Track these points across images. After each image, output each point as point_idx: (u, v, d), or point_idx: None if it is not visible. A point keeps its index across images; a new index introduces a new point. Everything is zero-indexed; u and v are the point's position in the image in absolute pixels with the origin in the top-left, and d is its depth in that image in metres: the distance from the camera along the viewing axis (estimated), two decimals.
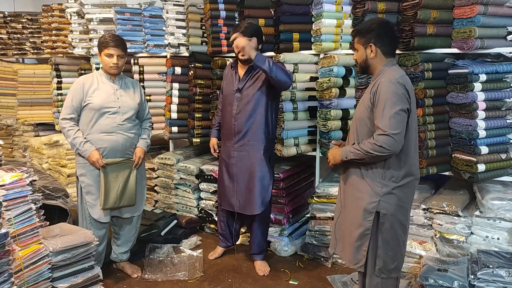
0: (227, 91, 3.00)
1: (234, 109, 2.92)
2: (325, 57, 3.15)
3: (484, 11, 2.63)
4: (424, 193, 3.06)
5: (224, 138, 3.07)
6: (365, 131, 2.14)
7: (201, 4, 3.82)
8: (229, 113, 2.95)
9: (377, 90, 2.06)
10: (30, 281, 2.25)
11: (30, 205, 2.27)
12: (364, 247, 2.16)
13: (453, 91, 2.82)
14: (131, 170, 2.89)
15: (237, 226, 3.28)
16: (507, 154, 2.81)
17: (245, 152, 2.94)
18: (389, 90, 2.02)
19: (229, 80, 3.00)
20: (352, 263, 2.22)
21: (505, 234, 2.64)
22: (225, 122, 3.02)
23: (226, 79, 3.05)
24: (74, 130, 2.78)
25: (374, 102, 2.07)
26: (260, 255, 3.19)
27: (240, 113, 2.90)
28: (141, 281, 3.00)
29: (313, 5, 3.25)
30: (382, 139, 1.99)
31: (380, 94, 2.05)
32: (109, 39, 2.77)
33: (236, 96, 2.92)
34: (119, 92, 2.86)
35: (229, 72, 3.02)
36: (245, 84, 2.90)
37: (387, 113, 2.00)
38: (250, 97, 2.88)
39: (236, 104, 2.92)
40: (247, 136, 2.92)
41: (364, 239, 2.15)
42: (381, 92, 2.05)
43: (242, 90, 2.91)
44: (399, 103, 2.01)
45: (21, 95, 5.24)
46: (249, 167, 2.94)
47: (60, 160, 4.51)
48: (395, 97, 2.02)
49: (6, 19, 5.28)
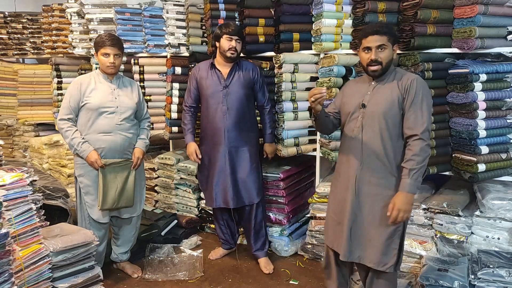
0: (212, 90, 3.00)
1: (224, 106, 2.97)
2: (325, 57, 3.15)
3: (484, 11, 2.63)
4: (424, 193, 3.05)
5: (211, 137, 3.05)
6: (396, 126, 2.14)
7: (201, 4, 3.82)
8: (218, 111, 2.98)
9: (411, 87, 2.11)
10: (30, 281, 2.25)
11: (31, 205, 2.27)
12: (395, 245, 2.17)
13: (453, 91, 2.82)
14: (129, 170, 2.89)
15: (237, 225, 3.29)
16: (508, 154, 2.81)
17: (240, 146, 3.02)
18: (426, 89, 2.15)
19: (211, 80, 3.01)
20: (381, 265, 2.18)
21: (505, 234, 2.63)
22: (212, 121, 3.02)
23: (206, 79, 3.02)
24: (72, 131, 2.78)
25: (406, 98, 2.12)
26: (264, 251, 3.20)
27: (231, 109, 2.97)
28: (141, 281, 3.00)
29: (313, 5, 3.25)
30: (426, 136, 2.08)
31: (416, 92, 2.10)
32: (105, 38, 2.76)
33: (224, 93, 2.97)
34: (116, 91, 2.85)
35: (208, 72, 3.02)
36: (231, 81, 2.98)
37: (426, 112, 2.10)
38: (238, 92, 2.98)
39: (226, 100, 2.97)
40: (240, 131, 3.00)
41: (395, 236, 2.16)
42: (416, 89, 2.10)
43: (229, 86, 2.97)
44: (431, 101, 2.17)
45: (21, 95, 5.24)
46: (245, 159, 3.04)
47: (60, 160, 4.51)
48: (430, 96, 2.17)
49: (6, 19, 5.28)
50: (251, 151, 3.08)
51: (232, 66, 3.01)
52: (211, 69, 3.02)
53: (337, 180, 2.40)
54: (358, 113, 2.23)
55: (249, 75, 3.04)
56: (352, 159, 2.25)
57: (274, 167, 3.55)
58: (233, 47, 2.91)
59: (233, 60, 2.99)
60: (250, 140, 3.08)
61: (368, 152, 2.19)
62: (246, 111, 3.04)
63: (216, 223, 3.32)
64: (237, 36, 2.93)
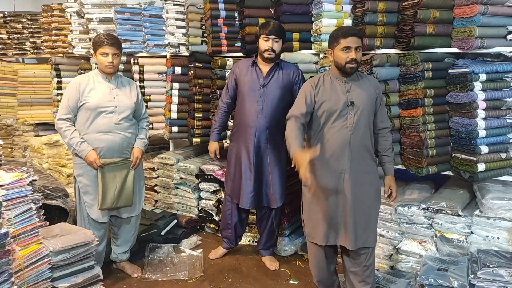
0: (250, 87, 2.98)
1: (259, 105, 2.94)
2: (325, 57, 3.15)
3: (484, 11, 2.63)
4: (424, 193, 3.06)
5: (241, 135, 3.03)
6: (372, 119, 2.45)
7: (201, 4, 3.82)
8: (252, 110, 2.96)
9: (379, 87, 2.49)
10: (30, 281, 2.25)
11: (30, 205, 2.27)
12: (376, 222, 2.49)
13: (453, 91, 2.82)
14: (128, 170, 2.89)
15: (244, 229, 3.29)
16: (507, 153, 2.81)
17: (272, 147, 3.00)
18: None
19: (250, 77, 2.98)
20: (375, 242, 2.45)
21: (505, 233, 2.63)
22: (245, 119, 2.99)
23: (245, 75, 3.00)
24: (70, 131, 2.77)
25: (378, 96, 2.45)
26: (270, 250, 3.23)
27: (265, 109, 2.94)
28: (141, 281, 3.00)
29: (313, 5, 3.25)
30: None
31: (381, 92, 2.50)
32: (103, 38, 2.76)
33: (260, 92, 2.94)
34: (115, 91, 2.85)
35: (249, 69, 3.00)
36: (269, 80, 2.95)
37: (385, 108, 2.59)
38: (274, 93, 2.95)
39: (262, 100, 2.94)
40: (273, 131, 2.97)
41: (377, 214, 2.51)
42: (380, 90, 2.51)
43: (267, 86, 2.94)
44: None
45: (21, 95, 5.25)
46: (276, 160, 3.02)
47: (60, 160, 4.51)
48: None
49: (6, 19, 5.28)
50: (280, 155, 3.03)
51: (272, 66, 2.97)
52: (252, 66, 3.00)
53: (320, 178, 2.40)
54: (347, 110, 2.35)
55: (289, 76, 2.98)
56: (338, 154, 2.37)
57: None
58: (269, 47, 2.87)
59: (272, 60, 2.93)
60: (280, 143, 2.95)
61: (357, 145, 2.37)
62: (281, 113, 2.90)
63: (230, 219, 3.23)
64: (274, 35, 2.87)
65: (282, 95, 2.96)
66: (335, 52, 2.36)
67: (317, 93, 2.40)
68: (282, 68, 2.98)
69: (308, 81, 2.50)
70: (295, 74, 3.00)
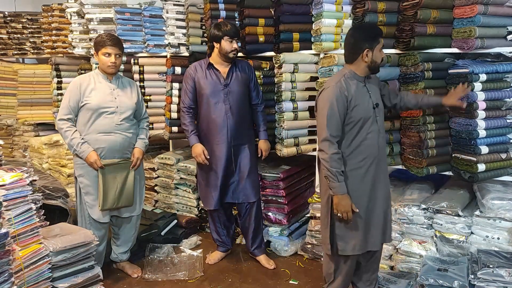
0: (212, 89, 3.00)
1: (226, 105, 2.99)
2: (325, 57, 3.15)
3: (484, 11, 2.62)
4: (424, 193, 3.05)
5: (213, 136, 3.03)
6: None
7: (201, 4, 3.82)
8: (221, 110, 2.99)
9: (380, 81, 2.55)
10: (30, 281, 2.25)
11: (30, 205, 2.27)
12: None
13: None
14: (129, 170, 2.89)
15: (234, 225, 3.30)
16: (507, 153, 2.81)
17: (242, 144, 3.07)
18: None
19: (210, 79, 3.00)
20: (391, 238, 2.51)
21: (505, 233, 2.63)
22: (214, 120, 3.01)
23: (204, 78, 3.00)
24: (71, 131, 2.77)
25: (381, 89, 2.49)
26: (262, 248, 3.24)
27: (233, 107, 3.00)
28: (141, 281, 3.00)
29: (313, 5, 3.25)
30: None
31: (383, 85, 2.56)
32: (106, 38, 2.77)
33: (225, 92, 2.99)
34: (116, 91, 2.85)
35: (206, 72, 3.01)
36: (231, 79, 3.01)
37: None
38: (237, 91, 3.02)
39: (228, 99, 2.99)
40: (242, 129, 3.05)
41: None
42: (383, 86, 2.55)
43: (229, 85, 3.00)
44: None
45: (21, 95, 5.24)
46: (247, 157, 3.09)
47: (60, 160, 4.51)
48: None
49: (6, 19, 5.27)
50: (251, 149, 3.13)
51: (230, 65, 3.03)
52: (208, 68, 3.02)
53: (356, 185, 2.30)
54: (372, 113, 2.30)
55: (246, 73, 3.09)
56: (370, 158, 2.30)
57: (273, 167, 3.55)
58: (235, 49, 2.95)
59: (233, 60, 3.02)
60: (250, 137, 3.15)
61: (382, 146, 2.38)
62: (246, 109, 3.10)
63: (212, 225, 3.27)
64: (237, 37, 2.97)
65: (244, 91, 3.06)
66: (375, 51, 2.26)
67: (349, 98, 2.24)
68: (238, 66, 3.07)
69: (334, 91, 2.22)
70: (250, 71, 3.14)
